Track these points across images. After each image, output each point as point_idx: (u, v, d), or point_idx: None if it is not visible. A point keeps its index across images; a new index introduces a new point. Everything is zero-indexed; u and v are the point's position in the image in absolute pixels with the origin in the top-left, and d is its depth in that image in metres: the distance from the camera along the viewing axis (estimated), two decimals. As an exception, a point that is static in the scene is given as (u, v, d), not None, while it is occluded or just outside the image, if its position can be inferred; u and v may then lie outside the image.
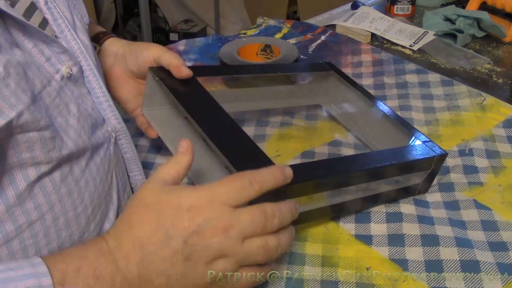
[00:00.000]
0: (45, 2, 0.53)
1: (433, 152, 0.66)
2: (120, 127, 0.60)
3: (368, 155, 0.68)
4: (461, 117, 0.83)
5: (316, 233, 0.62)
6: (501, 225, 0.62)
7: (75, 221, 0.52)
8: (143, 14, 2.10)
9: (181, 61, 0.64)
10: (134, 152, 0.63)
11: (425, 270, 0.57)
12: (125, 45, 0.69)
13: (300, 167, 0.58)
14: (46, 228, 0.49)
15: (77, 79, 0.55)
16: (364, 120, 0.78)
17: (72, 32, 0.55)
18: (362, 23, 1.14)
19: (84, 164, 0.53)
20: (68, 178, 0.51)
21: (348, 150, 0.75)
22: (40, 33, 0.49)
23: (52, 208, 0.49)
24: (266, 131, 0.79)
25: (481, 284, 0.55)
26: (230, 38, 1.07)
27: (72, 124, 0.51)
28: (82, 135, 0.52)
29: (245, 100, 0.79)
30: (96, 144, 0.55)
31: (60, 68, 0.51)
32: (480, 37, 1.10)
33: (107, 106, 0.58)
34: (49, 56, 0.51)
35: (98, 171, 0.55)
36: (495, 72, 0.98)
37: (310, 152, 0.75)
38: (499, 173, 0.71)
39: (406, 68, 0.96)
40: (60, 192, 0.50)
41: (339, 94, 0.82)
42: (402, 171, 0.64)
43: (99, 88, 0.57)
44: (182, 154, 0.50)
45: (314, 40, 1.08)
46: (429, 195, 0.68)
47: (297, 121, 0.82)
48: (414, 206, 0.65)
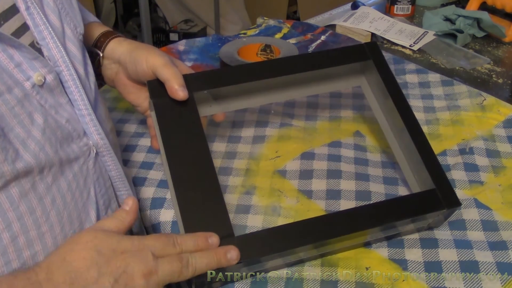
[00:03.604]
0: (26, 7, 0.51)
1: (440, 205, 0.59)
2: (102, 143, 0.57)
3: (353, 213, 0.60)
4: (461, 117, 0.83)
5: (316, 233, 0.62)
6: (501, 225, 0.62)
7: (39, 241, 0.49)
8: (143, 14, 2.10)
9: (177, 80, 0.60)
10: (120, 170, 0.61)
11: (425, 270, 0.57)
12: (127, 52, 0.66)
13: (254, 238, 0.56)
14: (3, 248, 0.47)
15: (53, 88, 0.52)
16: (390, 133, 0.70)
17: (56, 40, 0.53)
18: (362, 23, 1.14)
19: (51, 179, 0.51)
20: (30, 195, 0.48)
21: (347, 151, 0.75)
22: (6, 37, 0.47)
23: (10, 226, 0.47)
24: (266, 132, 0.79)
25: (481, 284, 0.55)
26: (230, 38, 1.07)
27: (34, 136, 0.49)
28: (47, 148, 0.50)
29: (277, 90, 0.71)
30: (67, 159, 0.53)
31: (31, 75, 0.49)
32: (480, 37, 1.10)
33: (89, 120, 0.56)
34: (19, 62, 0.49)
35: (69, 187, 0.53)
36: (495, 72, 0.98)
37: (309, 153, 0.75)
38: (499, 173, 0.71)
39: (406, 68, 0.96)
40: (19, 210, 0.47)
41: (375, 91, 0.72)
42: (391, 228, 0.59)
43: (81, 100, 0.55)
44: (126, 213, 0.52)
45: (314, 40, 1.08)
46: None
47: (297, 122, 0.82)
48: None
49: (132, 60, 0.64)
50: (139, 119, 0.82)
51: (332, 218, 0.59)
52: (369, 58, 0.70)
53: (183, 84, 0.60)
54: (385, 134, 0.70)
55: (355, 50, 0.71)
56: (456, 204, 0.60)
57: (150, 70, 0.62)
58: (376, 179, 0.71)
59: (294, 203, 0.67)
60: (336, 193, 0.68)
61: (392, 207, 0.59)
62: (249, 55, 0.98)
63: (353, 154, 0.75)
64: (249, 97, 0.69)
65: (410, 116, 0.66)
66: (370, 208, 0.60)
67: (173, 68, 0.61)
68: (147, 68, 0.62)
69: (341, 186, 0.69)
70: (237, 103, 0.69)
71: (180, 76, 0.61)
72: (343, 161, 0.73)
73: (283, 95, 0.72)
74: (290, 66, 0.68)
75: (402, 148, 0.67)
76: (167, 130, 0.59)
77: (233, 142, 0.78)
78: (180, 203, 0.55)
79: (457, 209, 0.61)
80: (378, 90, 0.70)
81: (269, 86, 0.70)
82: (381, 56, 0.70)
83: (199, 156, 0.58)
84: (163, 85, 0.61)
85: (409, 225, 0.60)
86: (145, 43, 0.69)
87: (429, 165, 0.62)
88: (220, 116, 0.69)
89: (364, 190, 0.69)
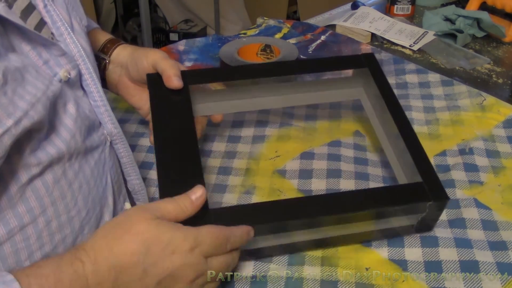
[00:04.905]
0: (44, 5, 0.52)
1: (426, 197, 0.58)
2: (116, 131, 0.59)
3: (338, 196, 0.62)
4: (461, 117, 0.82)
5: (316, 233, 0.62)
6: (500, 224, 0.62)
7: (69, 225, 0.52)
8: (143, 14, 2.10)
9: (174, 71, 0.63)
10: (131, 157, 0.63)
11: (425, 270, 0.57)
12: (129, 54, 0.69)
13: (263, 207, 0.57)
14: (39, 232, 0.49)
15: (75, 83, 0.54)
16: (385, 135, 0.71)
17: (72, 35, 0.54)
18: (362, 23, 1.14)
19: (78, 166, 0.53)
20: (61, 181, 0.50)
21: (347, 151, 0.75)
22: (39, 37, 0.49)
23: (45, 211, 0.49)
24: (266, 132, 0.79)
25: (480, 284, 0.55)
26: (230, 38, 1.07)
27: (66, 124, 0.51)
28: (77, 136, 0.52)
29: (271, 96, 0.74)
30: (90, 147, 0.55)
31: (58, 72, 0.51)
32: (480, 37, 1.10)
33: (104, 110, 0.58)
34: (47, 59, 0.50)
35: (92, 173, 0.55)
36: (495, 72, 0.98)
37: (309, 152, 0.75)
38: (499, 173, 0.71)
39: (406, 68, 0.96)
40: (53, 195, 0.49)
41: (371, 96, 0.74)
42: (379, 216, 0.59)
43: (97, 92, 0.57)
44: (190, 203, 0.51)
45: (314, 40, 1.08)
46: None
47: (297, 122, 0.82)
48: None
49: (134, 59, 0.68)
50: (139, 119, 0.82)
51: (312, 199, 0.60)
52: (365, 66, 0.72)
53: (178, 75, 0.64)
54: (378, 137, 0.71)
55: (352, 60, 0.73)
56: (443, 197, 0.58)
57: (151, 65, 0.65)
58: (375, 178, 0.71)
59: (294, 203, 0.67)
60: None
61: (378, 195, 0.59)
62: (249, 55, 0.98)
63: (353, 153, 0.75)
64: (246, 101, 0.71)
65: (404, 122, 0.66)
66: (356, 193, 0.61)
67: (172, 61, 0.64)
68: (147, 64, 0.66)
69: (340, 186, 0.69)
70: (234, 106, 0.70)
71: (177, 67, 0.65)
72: (342, 161, 0.73)
73: (281, 102, 0.74)
74: (287, 69, 0.70)
75: (393, 147, 0.68)
76: (159, 122, 0.61)
77: (233, 142, 0.78)
78: (160, 172, 0.56)
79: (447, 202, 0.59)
80: (375, 101, 0.71)
81: (267, 91, 0.71)
82: (378, 66, 0.72)
83: (184, 134, 0.60)
84: (161, 79, 0.64)
85: (400, 217, 0.60)
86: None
87: (418, 160, 0.62)
88: (217, 117, 0.72)
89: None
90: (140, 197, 0.65)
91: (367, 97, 0.74)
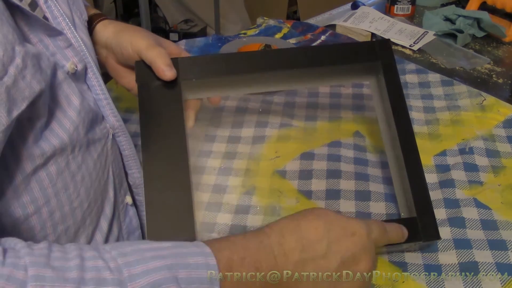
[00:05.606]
0: (44, 1, 0.53)
1: (418, 236, 0.57)
2: (118, 124, 0.60)
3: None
4: (461, 117, 0.82)
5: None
6: (500, 224, 0.63)
7: (71, 216, 0.52)
8: (143, 14, 2.10)
9: (163, 60, 0.60)
10: (133, 150, 0.63)
11: (424, 270, 0.57)
12: (112, 36, 0.65)
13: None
14: (42, 222, 0.49)
15: (81, 76, 0.55)
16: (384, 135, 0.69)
17: (73, 30, 0.55)
18: (362, 23, 1.14)
19: (81, 159, 0.53)
20: (65, 172, 0.51)
21: (347, 152, 0.75)
22: (46, 26, 0.49)
23: (49, 202, 0.49)
24: (266, 132, 0.79)
25: (480, 284, 0.55)
26: (230, 38, 1.07)
27: (70, 116, 0.51)
28: (80, 128, 0.52)
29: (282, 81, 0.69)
30: (93, 140, 0.55)
31: (65, 64, 0.52)
32: (480, 37, 1.10)
33: (106, 103, 0.58)
34: (54, 52, 0.51)
35: (95, 166, 0.56)
36: (495, 72, 0.98)
37: (309, 153, 0.75)
38: (499, 173, 0.71)
39: (406, 68, 0.96)
40: (56, 186, 0.50)
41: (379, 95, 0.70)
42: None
43: (99, 86, 0.57)
44: (397, 230, 0.55)
45: (314, 40, 1.08)
46: (431, 193, 0.67)
47: (297, 122, 0.82)
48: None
49: (118, 44, 0.64)
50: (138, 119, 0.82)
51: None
52: (378, 59, 0.68)
53: (169, 64, 0.60)
54: (383, 139, 0.68)
55: (365, 47, 0.69)
56: (434, 237, 0.58)
57: (136, 54, 0.62)
58: (375, 179, 0.71)
59: (294, 203, 0.67)
60: (336, 193, 0.68)
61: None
62: (249, 55, 0.98)
63: (353, 154, 0.75)
64: (247, 85, 0.68)
65: (407, 129, 0.64)
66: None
67: (158, 49, 0.61)
68: (132, 52, 0.62)
69: (340, 186, 0.69)
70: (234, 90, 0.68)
71: (165, 55, 0.60)
72: (342, 161, 0.73)
73: (284, 85, 0.71)
74: (294, 58, 0.66)
75: (396, 161, 0.65)
76: (147, 115, 0.60)
77: (233, 142, 0.78)
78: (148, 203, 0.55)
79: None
80: (384, 93, 0.68)
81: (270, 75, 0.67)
82: (392, 57, 0.69)
83: (174, 139, 0.59)
84: (149, 67, 0.61)
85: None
86: (130, 24, 0.68)
87: (416, 191, 0.60)
88: (216, 100, 0.68)
89: (364, 190, 0.69)
90: (140, 191, 0.65)
91: (377, 88, 0.70)
